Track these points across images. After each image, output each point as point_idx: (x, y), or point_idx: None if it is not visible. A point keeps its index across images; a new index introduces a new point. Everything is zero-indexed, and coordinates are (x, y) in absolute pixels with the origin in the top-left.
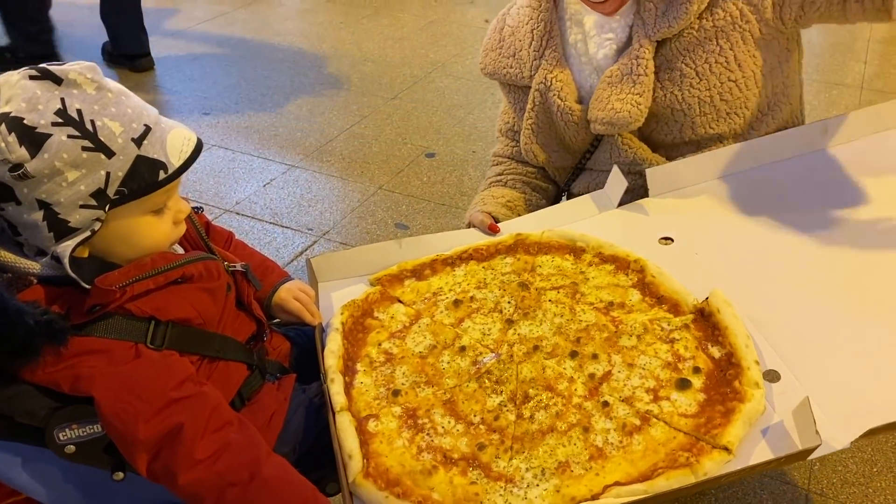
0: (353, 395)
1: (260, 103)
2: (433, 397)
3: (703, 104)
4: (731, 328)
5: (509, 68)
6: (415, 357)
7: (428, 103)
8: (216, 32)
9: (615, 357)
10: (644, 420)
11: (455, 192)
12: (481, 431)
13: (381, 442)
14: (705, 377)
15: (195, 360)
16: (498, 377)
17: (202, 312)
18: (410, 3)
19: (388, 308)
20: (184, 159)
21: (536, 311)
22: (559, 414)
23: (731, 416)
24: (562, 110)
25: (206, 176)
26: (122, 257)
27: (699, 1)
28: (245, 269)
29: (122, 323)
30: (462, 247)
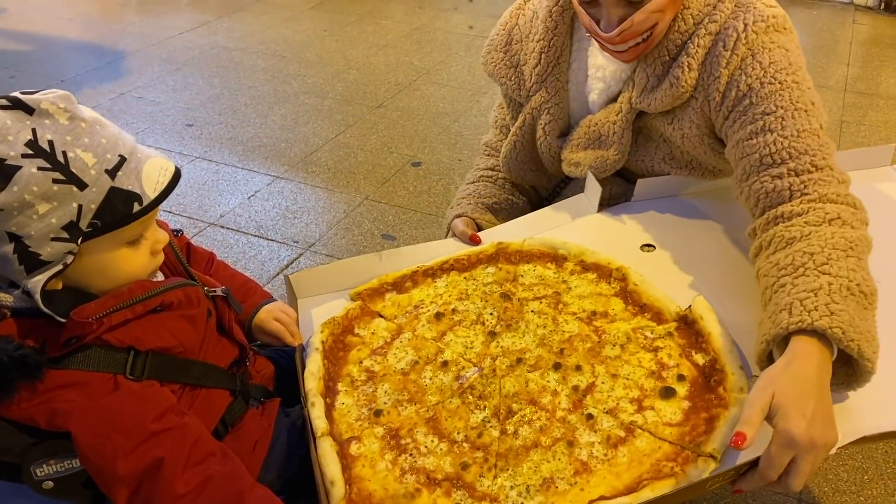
0: (334, 417)
1: (243, 114)
2: (416, 415)
3: (675, 171)
4: (714, 334)
5: (509, 80)
6: (397, 374)
7: (413, 111)
8: (199, 42)
9: (599, 368)
10: (629, 431)
11: (442, 202)
12: (465, 450)
13: (364, 465)
14: (690, 384)
15: (176, 388)
16: (481, 392)
17: (183, 340)
18: (394, 9)
19: (370, 323)
20: (160, 190)
21: (519, 323)
22: (543, 428)
23: (715, 423)
24: (542, 142)
25: (190, 189)
26: (98, 289)
27: (683, 94)
28: (226, 294)
29: (100, 354)
30: (443, 257)
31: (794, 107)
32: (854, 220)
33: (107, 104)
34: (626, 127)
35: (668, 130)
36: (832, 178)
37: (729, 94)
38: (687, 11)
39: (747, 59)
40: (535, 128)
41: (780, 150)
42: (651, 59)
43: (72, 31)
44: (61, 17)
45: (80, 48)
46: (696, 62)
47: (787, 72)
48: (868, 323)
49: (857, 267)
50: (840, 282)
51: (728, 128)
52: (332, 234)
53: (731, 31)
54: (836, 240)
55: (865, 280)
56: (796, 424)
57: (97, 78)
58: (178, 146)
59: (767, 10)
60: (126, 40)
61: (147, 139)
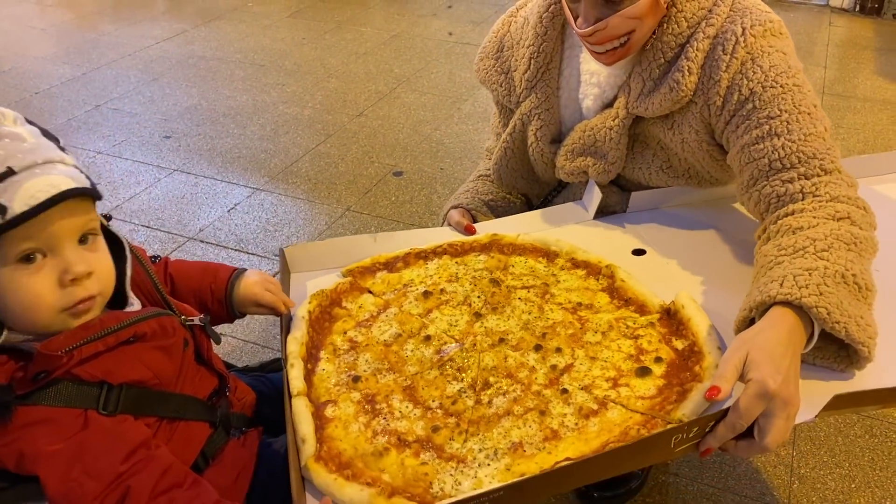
0: (313, 382)
1: (222, 124)
2: (393, 384)
3: (672, 181)
4: (694, 319)
5: (499, 86)
6: (379, 345)
7: (394, 120)
8: (175, 51)
9: (578, 351)
10: (602, 405)
11: (424, 212)
12: (438, 415)
13: (337, 426)
14: (667, 366)
15: (152, 422)
16: (460, 365)
17: (158, 372)
18: (373, 16)
19: (358, 298)
20: (31, 205)
21: (505, 308)
22: (517, 399)
23: (686, 395)
24: (534, 148)
25: (168, 203)
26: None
27: (682, 98)
28: (203, 323)
29: (70, 389)
30: (437, 242)
31: (798, 110)
32: (863, 221)
33: (82, 116)
34: (622, 132)
35: (666, 136)
36: (841, 181)
37: (730, 98)
38: (680, 14)
39: (747, 62)
40: (526, 133)
41: (790, 154)
42: (646, 63)
43: (45, 41)
44: (34, 28)
45: (54, 59)
46: (696, 66)
47: (788, 75)
48: (860, 310)
49: (858, 260)
50: (836, 268)
51: (731, 133)
52: None
53: (729, 34)
54: (842, 232)
55: (863, 273)
56: (771, 375)
57: (72, 89)
58: (156, 159)
59: (764, 15)
60: (101, 50)
61: (124, 152)
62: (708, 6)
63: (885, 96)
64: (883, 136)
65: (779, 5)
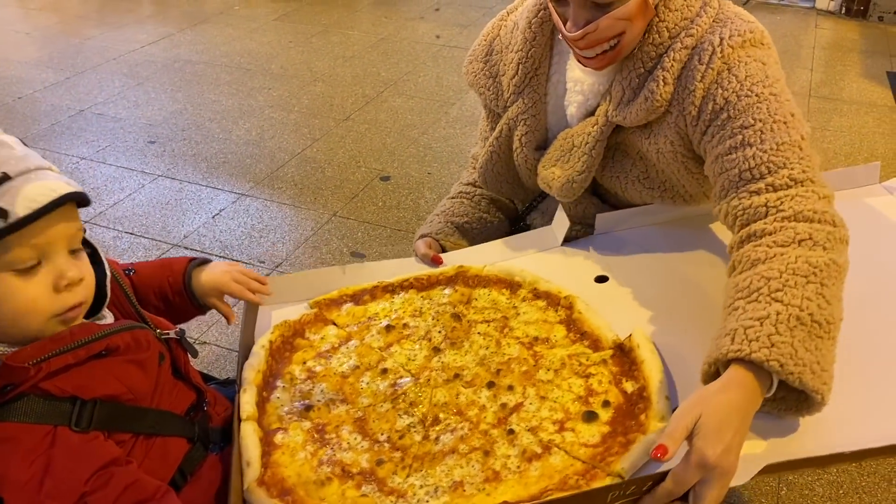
0: (266, 409)
1: (207, 129)
2: (345, 415)
3: (647, 193)
4: (647, 362)
5: (487, 90)
6: (336, 376)
7: (381, 124)
8: (161, 55)
9: (530, 389)
10: (545, 449)
11: (412, 217)
12: (384, 449)
13: (284, 453)
14: (614, 410)
15: (128, 438)
16: (412, 399)
17: (132, 387)
18: (360, 20)
19: (321, 329)
20: (33, 209)
21: (464, 342)
22: (463, 437)
23: (629, 446)
24: (519, 153)
25: (153, 209)
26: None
27: (657, 108)
28: (180, 336)
29: (38, 405)
30: (404, 275)
31: (773, 119)
32: (828, 240)
33: (66, 121)
34: (599, 139)
35: (644, 145)
36: (812, 193)
37: (705, 108)
38: (662, 24)
39: (723, 72)
40: (512, 139)
41: (759, 164)
42: (627, 72)
43: (30, 45)
44: (19, 32)
45: (38, 63)
46: (671, 76)
47: (764, 84)
48: (817, 354)
49: (816, 295)
50: (790, 311)
51: (706, 143)
52: (299, 252)
53: (707, 45)
54: (799, 265)
55: (822, 309)
56: (713, 446)
57: (56, 94)
58: (141, 164)
59: (744, 25)
60: (86, 55)
61: (108, 157)
62: (690, 17)
63: (870, 99)
64: (869, 139)
65: (765, 8)
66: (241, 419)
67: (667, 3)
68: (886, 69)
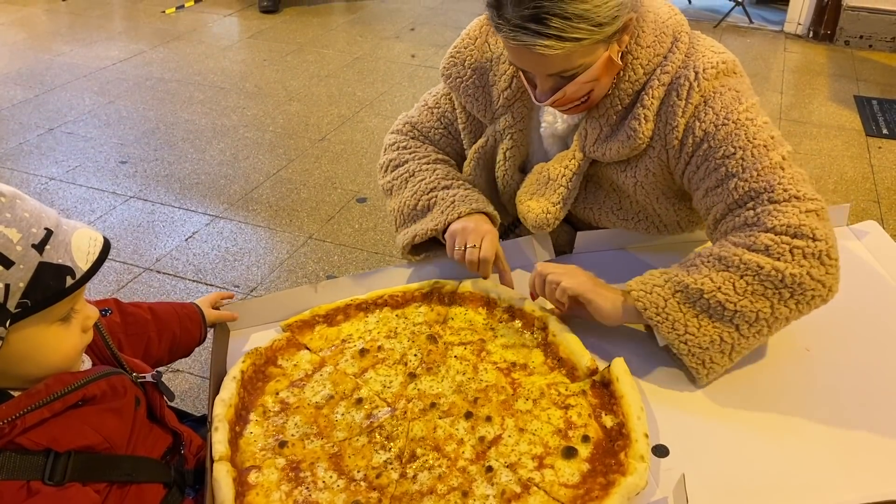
0: (240, 445)
1: (180, 149)
2: (320, 450)
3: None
4: (626, 398)
5: (475, 100)
6: (310, 407)
7: (357, 144)
8: (133, 73)
9: (508, 420)
10: (525, 488)
11: (388, 240)
12: (361, 489)
13: (258, 494)
14: (593, 446)
15: (102, 487)
16: (389, 433)
17: (108, 436)
18: (335, 38)
19: (294, 356)
20: (91, 262)
21: (440, 367)
22: (442, 476)
23: (609, 490)
24: (501, 168)
25: (124, 231)
26: (26, 378)
27: (639, 146)
28: (156, 380)
29: (11, 460)
30: (378, 291)
31: (752, 144)
32: (790, 252)
33: (35, 140)
34: (576, 172)
35: (619, 178)
36: (792, 208)
37: (686, 140)
38: (636, 62)
39: (700, 105)
40: (496, 151)
41: (743, 194)
42: (603, 110)
43: None
44: None
45: (5, 80)
46: (651, 113)
47: (739, 111)
48: (687, 316)
49: (724, 281)
50: (686, 279)
51: (692, 174)
52: (274, 276)
53: (682, 80)
54: (730, 257)
55: (722, 293)
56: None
57: (24, 112)
58: (112, 185)
59: (716, 57)
60: (55, 71)
61: (78, 178)
62: (663, 52)
63: (838, 122)
64: (838, 162)
65: (735, 31)
66: (213, 460)
67: (637, 40)
68: (853, 93)
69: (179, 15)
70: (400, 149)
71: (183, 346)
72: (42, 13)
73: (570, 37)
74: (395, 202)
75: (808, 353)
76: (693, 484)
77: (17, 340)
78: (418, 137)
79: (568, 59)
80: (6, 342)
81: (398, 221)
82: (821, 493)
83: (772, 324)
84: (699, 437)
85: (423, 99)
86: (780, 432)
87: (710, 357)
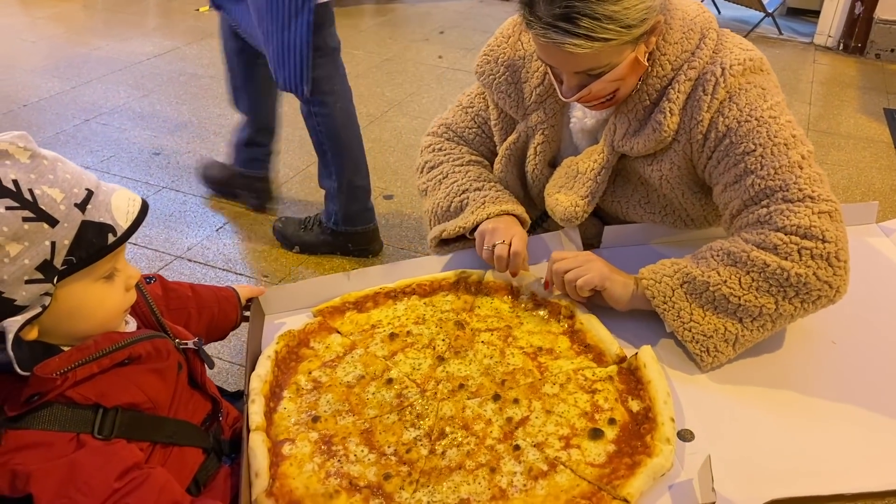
0: (274, 420)
1: (212, 143)
2: (352, 426)
3: (648, 216)
4: (653, 383)
5: (507, 96)
6: (342, 386)
7: (385, 143)
8: (166, 68)
9: (535, 403)
10: (551, 466)
11: (415, 236)
12: (392, 462)
13: (292, 464)
14: (619, 429)
15: (146, 447)
16: (419, 412)
17: (152, 396)
18: (365, 40)
19: (326, 338)
20: (131, 220)
21: (468, 351)
22: (470, 453)
23: (635, 469)
24: (532, 164)
25: (157, 220)
26: (73, 334)
27: (665, 138)
28: (197, 347)
29: (63, 412)
30: (406, 280)
31: (773, 142)
32: (798, 252)
33: (71, 130)
34: (605, 166)
35: (647, 172)
36: (805, 209)
37: (710, 135)
38: (664, 58)
39: (725, 101)
40: (527, 147)
41: (759, 191)
42: (631, 105)
43: (35, 54)
44: (25, 40)
45: (43, 72)
46: (677, 107)
47: (763, 108)
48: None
49: (732, 277)
50: (694, 271)
51: (713, 168)
52: (302, 268)
53: (709, 75)
54: (738, 253)
55: (732, 291)
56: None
57: (61, 103)
58: (145, 175)
59: (744, 54)
60: (91, 65)
61: (113, 167)
62: (691, 49)
63: (867, 134)
64: (866, 174)
65: (764, 42)
66: (249, 430)
67: (665, 37)
68: (883, 106)
69: (213, 13)
70: (435, 150)
71: (220, 327)
72: (79, 9)
73: (599, 37)
74: (429, 203)
75: (835, 345)
76: (717, 468)
77: (65, 297)
78: (453, 139)
79: (596, 57)
80: (54, 298)
81: (432, 222)
82: (844, 480)
83: (776, 319)
84: (724, 424)
85: (458, 100)
86: (805, 421)
87: (715, 345)
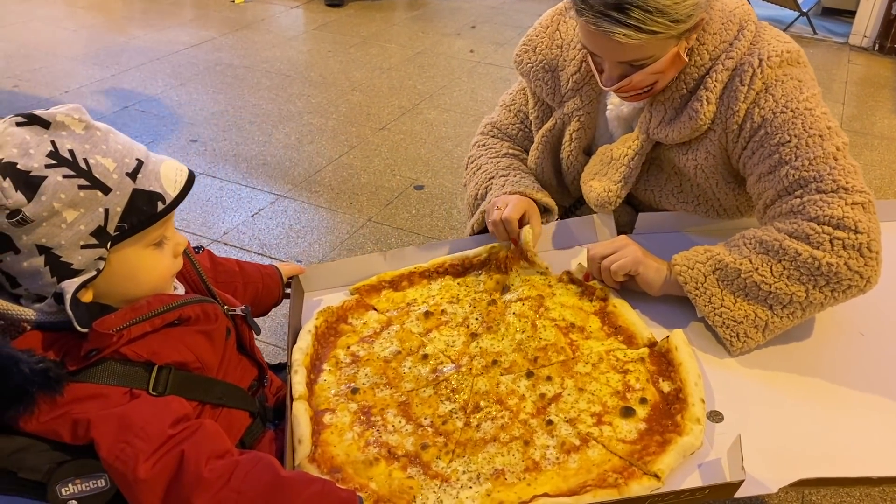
0: (315, 390)
1: (248, 131)
2: (389, 398)
3: (681, 206)
4: (684, 365)
5: (544, 84)
6: (379, 360)
7: (416, 135)
8: (203, 58)
9: (568, 381)
10: (584, 441)
11: (444, 226)
12: (428, 433)
13: (332, 433)
14: (650, 408)
15: (196, 405)
16: (454, 386)
17: (199, 356)
18: (398, 33)
19: (363, 315)
20: (179, 189)
21: (500, 325)
22: (504, 426)
23: (666, 447)
24: (567, 150)
25: (194, 205)
26: (125, 297)
27: (701, 126)
28: (245, 313)
29: (118, 368)
30: (439, 258)
31: (808, 134)
32: (830, 242)
33: (110, 116)
34: (639, 153)
35: (681, 161)
36: (838, 199)
37: (745, 126)
38: (703, 47)
39: (762, 92)
40: (563, 134)
41: (792, 182)
42: (669, 93)
43: (75, 42)
44: (66, 29)
45: (84, 60)
46: (714, 96)
47: (799, 100)
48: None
49: (763, 265)
50: (726, 258)
51: (747, 159)
52: (335, 254)
53: (747, 66)
54: (770, 241)
55: (764, 279)
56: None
57: (101, 90)
58: (182, 161)
59: (781, 46)
60: (130, 54)
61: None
62: (729, 39)
63: None
64: None
65: (799, 41)
66: (293, 398)
67: (705, 27)
68: None
69: (248, 5)
70: (478, 146)
71: (263, 303)
72: None
73: (648, 29)
74: (467, 194)
75: (863, 336)
76: (747, 448)
77: (117, 261)
78: (497, 135)
79: (641, 49)
80: (108, 263)
81: (469, 211)
82: (870, 464)
83: (806, 307)
84: (753, 407)
85: (501, 99)
86: (832, 408)
87: (745, 331)
